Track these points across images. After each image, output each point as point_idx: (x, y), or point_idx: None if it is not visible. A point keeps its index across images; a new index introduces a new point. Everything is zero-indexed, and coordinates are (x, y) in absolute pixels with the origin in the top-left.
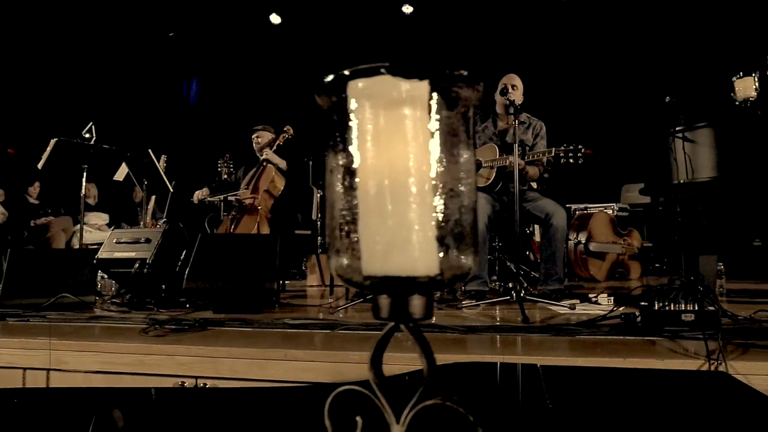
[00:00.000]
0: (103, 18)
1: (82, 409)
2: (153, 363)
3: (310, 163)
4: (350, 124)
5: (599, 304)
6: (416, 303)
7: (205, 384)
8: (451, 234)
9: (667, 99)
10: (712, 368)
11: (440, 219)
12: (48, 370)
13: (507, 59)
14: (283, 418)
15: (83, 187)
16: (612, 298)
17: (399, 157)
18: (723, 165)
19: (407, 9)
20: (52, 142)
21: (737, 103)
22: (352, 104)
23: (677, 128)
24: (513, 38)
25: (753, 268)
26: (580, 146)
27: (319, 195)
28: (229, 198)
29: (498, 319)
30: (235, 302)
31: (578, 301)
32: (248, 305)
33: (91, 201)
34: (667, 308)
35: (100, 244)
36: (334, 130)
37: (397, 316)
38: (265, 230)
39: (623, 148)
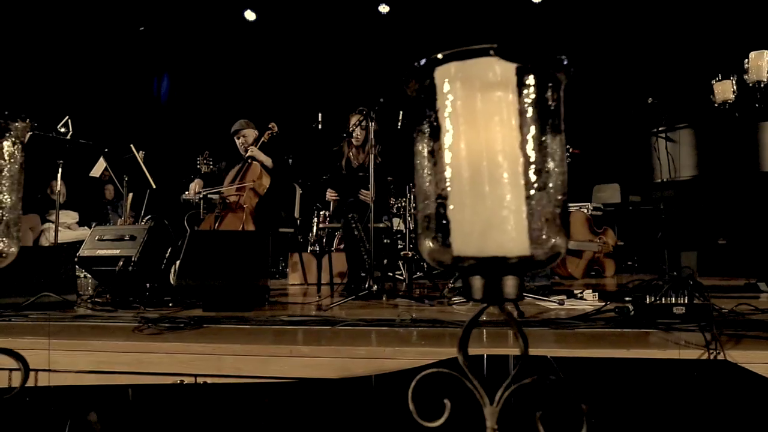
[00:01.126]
0: (73, 11)
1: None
2: (150, 361)
3: (290, 160)
4: (442, 107)
5: (584, 299)
6: (509, 284)
7: (206, 382)
8: (543, 215)
9: (650, 100)
10: (711, 357)
11: (533, 200)
12: (36, 370)
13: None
14: (296, 413)
15: (58, 184)
16: (596, 293)
17: (493, 139)
18: (702, 164)
19: (383, 8)
20: (26, 136)
21: (716, 105)
22: (445, 87)
23: (659, 128)
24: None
25: (719, 266)
26: (568, 146)
27: (300, 193)
28: (210, 196)
29: (495, 314)
30: (226, 300)
31: (565, 297)
32: (240, 303)
33: (59, 199)
34: (659, 302)
35: (71, 243)
36: (424, 114)
37: (490, 297)
38: (250, 228)
39: (595, 150)
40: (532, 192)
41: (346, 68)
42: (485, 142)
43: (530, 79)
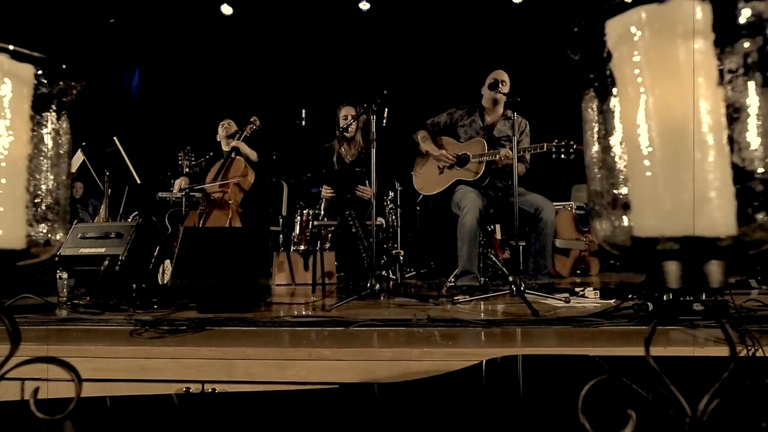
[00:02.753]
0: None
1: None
2: (154, 367)
3: (274, 156)
4: (619, 69)
5: (586, 297)
6: (714, 269)
7: (214, 389)
8: (753, 189)
9: None
10: (749, 354)
11: (740, 172)
12: (23, 380)
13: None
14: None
15: None
16: (597, 291)
17: (684, 104)
18: None
19: (364, 6)
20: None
21: None
22: (622, 45)
23: None
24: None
25: None
26: (571, 142)
27: (287, 190)
28: (192, 193)
29: (507, 313)
30: (224, 301)
31: (568, 295)
32: (238, 304)
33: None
34: (680, 299)
35: None
36: (595, 79)
37: (691, 286)
38: (237, 225)
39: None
40: (740, 162)
41: (326, 64)
42: (675, 107)
43: (729, 27)
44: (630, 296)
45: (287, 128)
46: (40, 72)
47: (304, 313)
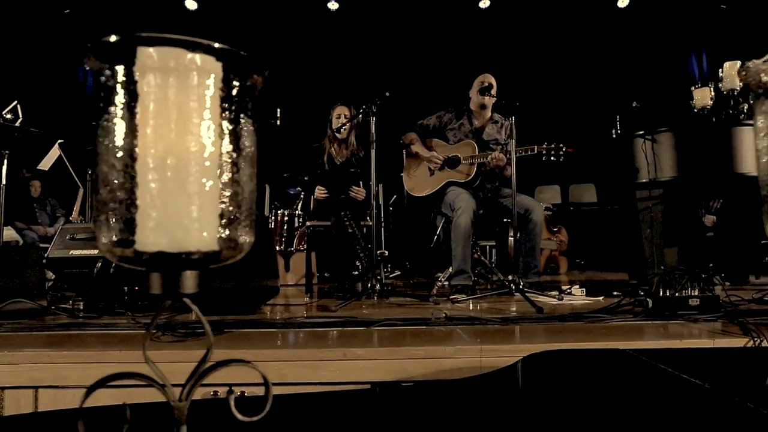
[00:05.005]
0: None
1: None
2: (181, 372)
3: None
4: None
5: (573, 294)
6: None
7: (243, 392)
8: None
9: (634, 104)
10: (756, 344)
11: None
12: (35, 387)
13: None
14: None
15: (3, 177)
16: (583, 289)
17: None
18: (682, 166)
19: (333, 5)
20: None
21: (695, 110)
22: None
23: (642, 132)
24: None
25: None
26: (561, 145)
27: (268, 191)
28: None
29: (513, 311)
30: (227, 302)
31: (557, 293)
32: (240, 305)
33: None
34: (677, 294)
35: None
36: None
37: None
38: None
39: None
40: None
41: (308, 64)
42: None
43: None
44: (614, 293)
45: (263, 128)
46: (229, 67)
47: (307, 314)
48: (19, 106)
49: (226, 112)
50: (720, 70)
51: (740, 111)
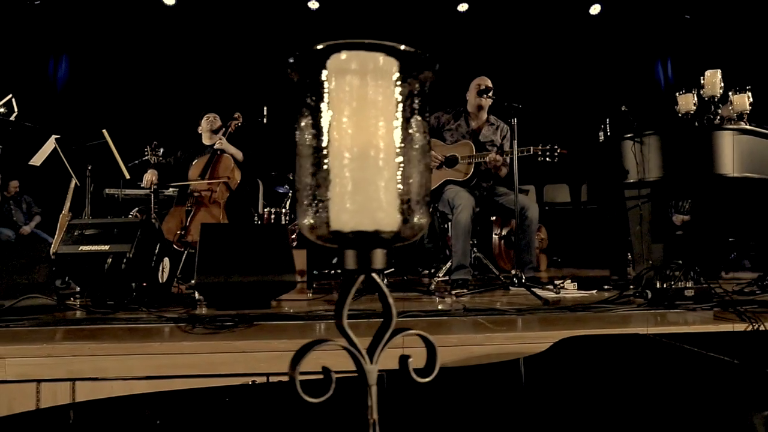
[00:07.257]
0: None
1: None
2: (223, 362)
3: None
4: None
5: (566, 288)
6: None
7: (281, 381)
8: None
9: (623, 108)
10: (755, 328)
11: None
12: (73, 380)
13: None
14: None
15: None
16: (575, 283)
17: None
18: (667, 167)
19: (313, 5)
20: None
21: (680, 115)
22: None
23: (631, 134)
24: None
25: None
26: (555, 146)
27: (262, 188)
28: (166, 193)
29: (520, 303)
30: (243, 297)
31: (553, 287)
32: (254, 300)
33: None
34: (673, 286)
35: None
36: None
37: None
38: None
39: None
40: None
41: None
42: None
43: None
44: (605, 287)
45: (252, 126)
46: (405, 65)
47: (318, 308)
48: (14, 99)
49: (405, 107)
50: (701, 77)
51: (720, 117)
